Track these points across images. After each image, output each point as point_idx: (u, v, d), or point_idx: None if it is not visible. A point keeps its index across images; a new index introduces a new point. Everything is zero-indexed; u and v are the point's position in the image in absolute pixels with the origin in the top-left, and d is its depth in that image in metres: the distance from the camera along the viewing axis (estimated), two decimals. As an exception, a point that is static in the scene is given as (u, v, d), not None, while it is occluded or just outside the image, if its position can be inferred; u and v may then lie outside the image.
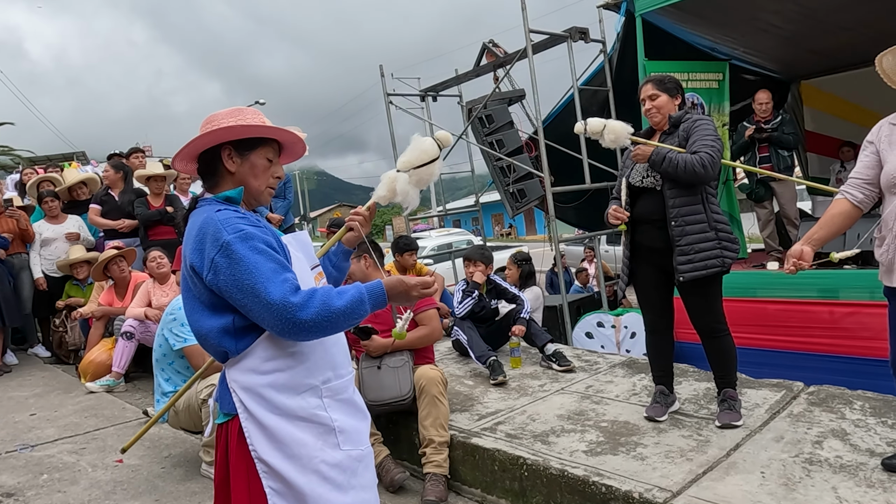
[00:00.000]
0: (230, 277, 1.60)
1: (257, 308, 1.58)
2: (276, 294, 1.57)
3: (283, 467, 1.66)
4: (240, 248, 1.61)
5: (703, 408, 3.45)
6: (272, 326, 1.60)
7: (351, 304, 1.63)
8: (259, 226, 1.70)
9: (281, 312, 1.56)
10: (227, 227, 1.63)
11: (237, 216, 1.68)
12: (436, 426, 3.26)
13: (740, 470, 2.71)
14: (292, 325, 1.57)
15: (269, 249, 1.64)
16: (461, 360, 4.72)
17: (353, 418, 1.81)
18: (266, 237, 1.67)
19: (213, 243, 1.62)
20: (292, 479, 1.66)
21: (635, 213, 3.33)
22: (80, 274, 6.37)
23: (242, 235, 1.62)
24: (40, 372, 6.16)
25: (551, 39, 7.67)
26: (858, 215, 2.56)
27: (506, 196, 8.33)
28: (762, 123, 6.44)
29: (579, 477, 2.77)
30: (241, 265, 1.59)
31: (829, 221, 2.57)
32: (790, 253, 2.56)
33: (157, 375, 3.65)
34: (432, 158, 2.09)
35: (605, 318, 7.02)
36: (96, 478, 3.51)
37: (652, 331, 3.46)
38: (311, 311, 1.58)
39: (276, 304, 1.56)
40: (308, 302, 1.59)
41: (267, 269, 1.59)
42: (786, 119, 6.52)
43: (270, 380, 1.69)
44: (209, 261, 1.63)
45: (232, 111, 1.82)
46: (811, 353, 5.37)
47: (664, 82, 3.32)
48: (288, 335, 1.61)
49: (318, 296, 1.61)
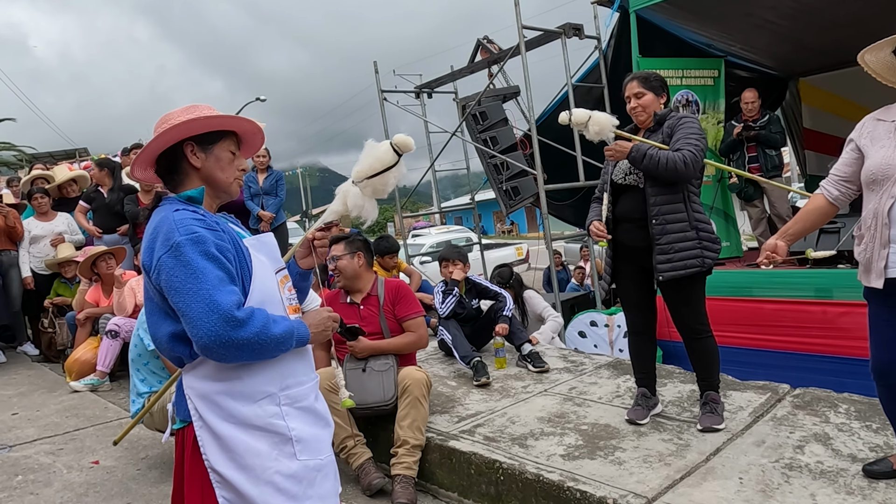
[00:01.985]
0: (172, 278, 1.55)
1: (194, 315, 1.52)
2: (222, 304, 1.51)
3: (236, 478, 1.61)
4: (189, 250, 1.55)
5: (685, 410, 3.39)
6: (203, 337, 1.51)
7: (284, 335, 1.60)
8: (216, 229, 1.64)
9: (219, 325, 1.50)
10: (181, 228, 1.58)
11: (194, 217, 1.62)
12: (413, 428, 3.20)
13: (718, 475, 2.65)
14: (226, 340, 1.51)
15: (220, 256, 1.58)
16: (446, 361, 4.66)
17: (313, 426, 1.75)
18: (221, 242, 1.62)
19: (164, 243, 1.58)
20: (245, 491, 1.61)
21: (617, 211, 3.26)
22: (69, 273, 6.33)
23: (194, 238, 1.57)
24: (27, 370, 6.13)
25: (545, 36, 7.60)
26: (833, 212, 2.53)
27: (499, 194, 8.28)
28: (750, 122, 6.38)
29: (554, 482, 2.71)
30: (186, 268, 1.54)
31: (804, 217, 2.58)
32: (765, 246, 2.57)
33: (133, 376, 3.60)
34: (388, 166, 1.94)
35: (598, 318, 6.94)
36: (70, 480, 3.47)
37: (633, 331, 3.40)
38: (250, 331, 1.53)
39: (217, 314, 1.50)
40: (249, 320, 1.54)
41: (213, 277, 1.54)
42: (773, 118, 6.51)
43: (226, 387, 1.63)
44: (157, 259, 1.58)
45: (187, 108, 1.77)
46: (804, 354, 5.30)
47: (650, 80, 3.24)
48: (215, 350, 1.53)
49: (258, 317, 1.56)
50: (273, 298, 1.73)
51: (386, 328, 3.56)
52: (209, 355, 1.55)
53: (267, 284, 1.72)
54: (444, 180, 11.24)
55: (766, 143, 6.34)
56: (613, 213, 3.27)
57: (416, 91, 9.58)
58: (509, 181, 8.07)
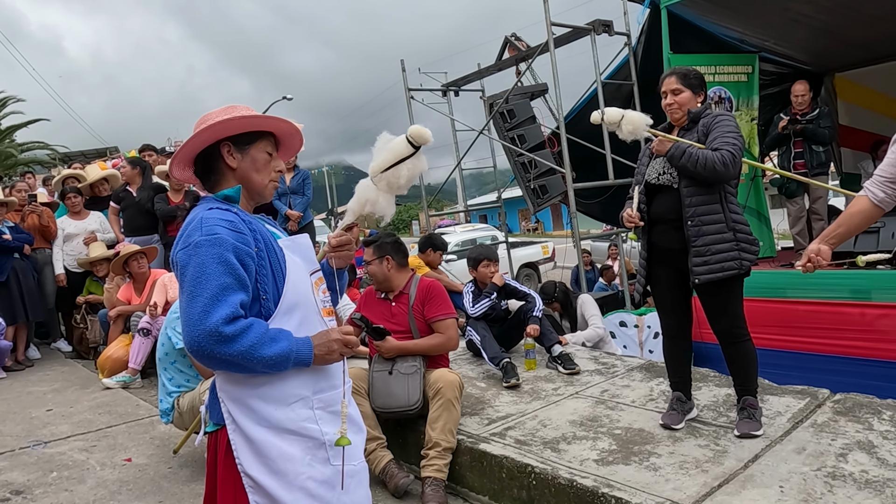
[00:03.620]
0: (183, 276, 1.57)
1: (186, 319, 1.53)
2: (212, 318, 1.49)
3: (269, 483, 1.60)
4: (204, 251, 1.55)
5: (722, 415, 3.31)
6: (189, 343, 1.52)
7: (276, 357, 1.56)
8: (242, 231, 1.62)
9: (203, 337, 1.49)
10: (204, 228, 1.59)
11: (222, 217, 1.62)
12: (445, 431, 3.17)
13: (758, 483, 2.58)
14: (207, 352, 1.51)
15: (233, 262, 1.57)
16: (474, 361, 4.62)
17: (347, 431, 1.73)
18: (242, 246, 1.60)
19: (185, 240, 1.60)
20: (278, 496, 1.60)
21: (651, 212, 3.19)
22: (101, 272, 6.41)
23: (213, 240, 1.56)
24: (60, 366, 6.23)
25: (574, 32, 7.52)
26: (878, 215, 2.43)
27: (527, 192, 8.21)
28: (798, 116, 6.18)
29: (588, 488, 2.66)
30: (196, 269, 1.55)
31: (847, 220, 2.46)
32: (807, 251, 2.45)
33: (161, 374, 3.63)
34: (402, 157, 1.88)
35: (627, 318, 6.86)
36: (103, 477, 3.50)
37: (668, 335, 3.33)
38: (234, 349, 1.51)
39: (204, 326, 1.49)
40: (238, 337, 1.51)
41: (216, 284, 1.53)
42: (823, 112, 6.20)
43: (258, 391, 1.62)
44: (175, 255, 1.62)
45: (225, 108, 1.77)
46: (842, 357, 5.17)
47: (689, 77, 3.16)
48: (197, 358, 1.55)
49: (250, 335, 1.53)
50: (307, 300, 1.72)
51: (415, 327, 3.54)
52: (195, 359, 1.56)
53: (301, 286, 1.71)
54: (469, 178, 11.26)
55: (812, 137, 6.09)
56: (648, 213, 3.21)
57: (443, 89, 9.54)
58: (537, 179, 8.01)
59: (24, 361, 6.27)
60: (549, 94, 8.37)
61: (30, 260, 6.39)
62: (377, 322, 3.38)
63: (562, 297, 5.90)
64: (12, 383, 5.65)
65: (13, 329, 6.16)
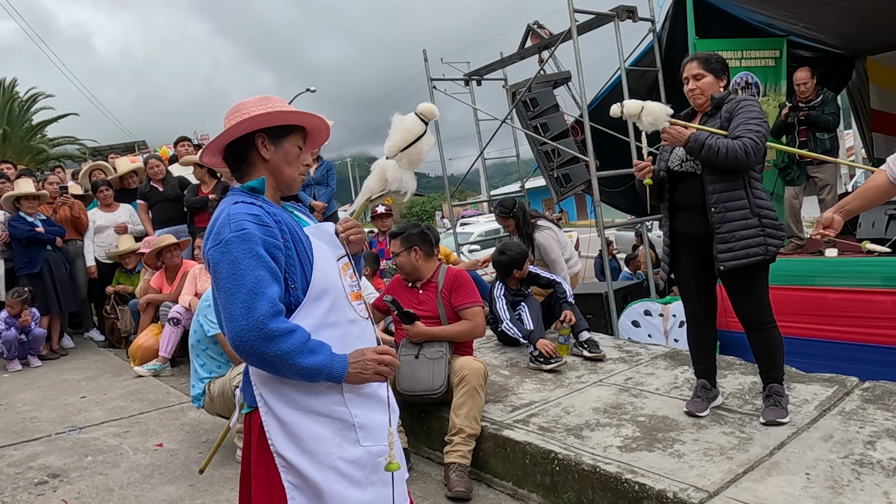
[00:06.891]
0: (217, 274, 1.61)
1: (230, 314, 1.57)
2: (258, 312, 1.54)
3: (300, 462, 1.65)
4: (235, 248, 1.59)
5: (747, 403, 3.29)
6: (234, 338, 1.56)
7: (310, 368, 1.59)
8: (268, 224, 1.65)
9: (249, 332, 1.54)
10: (232, 224, 1.62)
11: (248, 212, 1.65)
12: (469, 417, 3.20)
13: (784, 471, 2.56)
14: (251, 348, 1.55)
15: (264, 255, 1.60)
16: (498, 349, 4.64)
17: (376, 413, 1.76)
18: (270, 238, 1.63)
19: (215, 237, 1.63)
20: (309, 475, 1.65)
21: (674, 199, 3.17)
22: (129, 264, 6.56)
23: (242, 235, 1.60)
24: (93, 355, 6.39)
25: (597, 19, 7.42)
26: (894, 192, 2.40)
27: (550, 181, 8.17)
28: (801, 104, 6.03)
29: (611, 474, 2.68)
30: (230, 266, 1.58)
31: (864, 193, 2.48)
32: (820, 219, 2.48)
33: (193, 361, 3.71)
34: (417, 136, 1.98)
35: (652, 307, 6.80)
36: (136, 461, 3.60)
37: (692, 322, 3.32)
38: (276, 349, 1.55)
39: (250, 321, 1.54)
40: (280, 339, 1.55)
41: (251, 278, 1.57)
42: (828, 98, 5.99)
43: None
44: (206, 252, 1.66)
45: (260, 99, 1.78)
46: (871, 345, 5.09)
47: (710, 61, 3.12)
48: (240, 352, 1.58)
49: (292, 340, 1.57)
50: (335, 285, 1.74)
51: (443, 314, 3.58)
52: (237, 353, 1.60)
53: (328, 272, 1.74)
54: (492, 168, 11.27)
55: (816, 123, 5.92)
56: (671, 200, 3.19)
57: (466, 78, 9.51)
58: (560, 168, 7.95)
59: (58, 350, 6.43)
60: (573, 81, 8.29)
61: (62, 252, 6.54)
62: (406, 307, 3.43)
63: (520, 214, 5.56)
64: (47, 371, 5.81)
65: (47, 319, 6.32)
